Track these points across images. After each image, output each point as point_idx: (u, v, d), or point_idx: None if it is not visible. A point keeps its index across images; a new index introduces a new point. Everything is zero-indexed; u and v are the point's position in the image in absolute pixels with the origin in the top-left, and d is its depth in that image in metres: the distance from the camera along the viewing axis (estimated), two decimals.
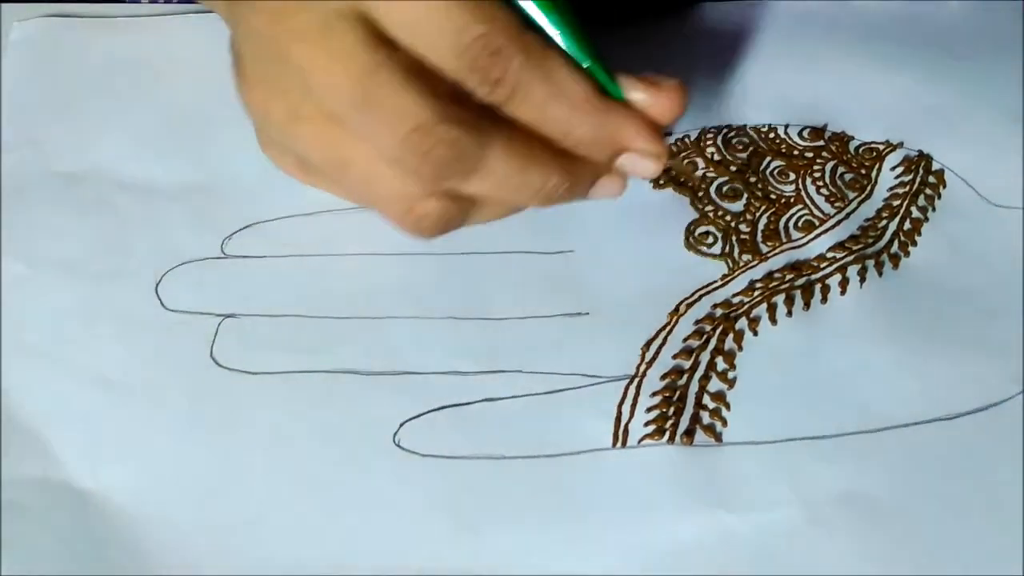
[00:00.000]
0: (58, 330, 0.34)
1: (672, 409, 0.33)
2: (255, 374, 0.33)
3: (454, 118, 0.30)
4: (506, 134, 0.31)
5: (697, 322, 0.35)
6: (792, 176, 0.39)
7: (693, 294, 0.36)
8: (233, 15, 0.32)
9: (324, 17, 0.30)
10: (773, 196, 0.39)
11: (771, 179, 0.39)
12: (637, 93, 0.33)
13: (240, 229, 0.37)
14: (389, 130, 0.30)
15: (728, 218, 0.38)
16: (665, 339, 0.35)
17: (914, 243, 0.37)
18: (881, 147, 0.40)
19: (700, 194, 0.39)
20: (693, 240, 0.37)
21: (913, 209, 0.38)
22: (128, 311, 0.35)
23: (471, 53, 0.30)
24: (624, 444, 0.32)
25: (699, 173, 0.39)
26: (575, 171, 0.33)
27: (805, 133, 0.41)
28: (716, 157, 0.40)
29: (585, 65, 0.32)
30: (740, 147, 0.40)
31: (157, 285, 0.35)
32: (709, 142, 0.40)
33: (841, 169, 0.40)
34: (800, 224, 0.38)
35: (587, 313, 0.35)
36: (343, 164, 0.32)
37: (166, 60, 0.42)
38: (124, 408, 0.33)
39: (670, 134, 0.41)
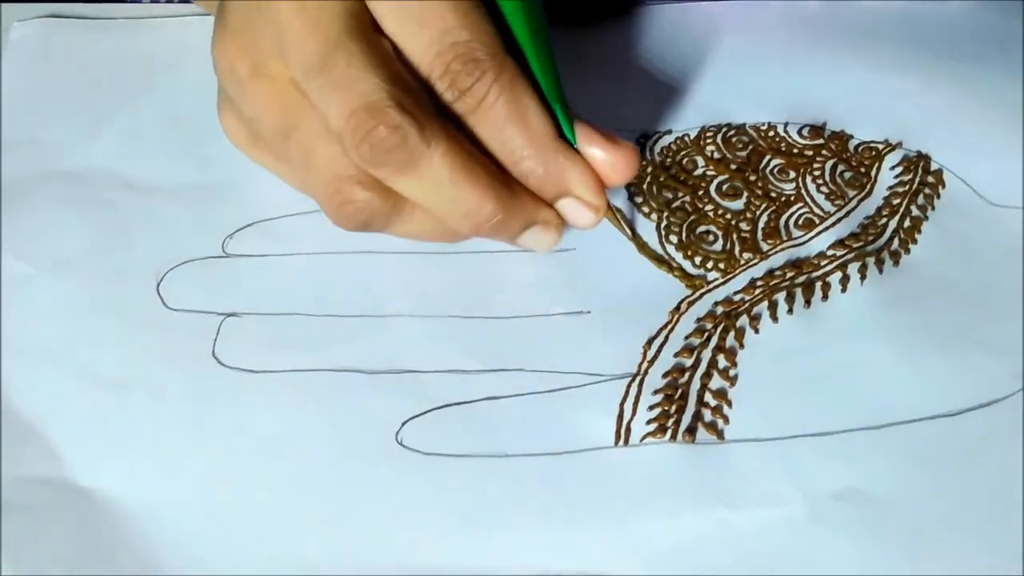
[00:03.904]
0: (59, 329, 0.34)
1: (674, 407, 0.33)
2: (257, 373, 0.33)
3: (405, 108, 0.31)
4: (453, 144, 0.31)
5: (698, 320, 0.35)
6: (792, 174, 0.39)
7: (694, 292, 0.36)
8: None
9: None
10: (773, 194, 0.39)
11: (771, 177, 0.39)
12: (594, 148, 0.33)
13: (241, 228, 0.37)
14: (339, 101, 0.31)
15: (728, 216, 0.38)
16: (667, 337, 0.35)
17: (914, 241, 0.37)
18: (880, 146, 0.40)
19: (700, 192, 0.39)
20: (692, 239, 0.37)
21: (913, 208, 0.38)
22: (130, 310, 0.35)
23: (448, 56, 0.31)
24: (626, 442, 0.32)
25: (699, 171, 0.39)
26: (511, 208, 0.33)
27: (804, 131, 0.41)
28: (716, 155, 0.40)
29: (552, 105, 0.33)
30: (740, 145, 0.40)
31: (159, 284, 0.35)
32: (709, 140, 0.40)
33: (841, 167, 0.40)
34: (800, 222, 0.38)
35: (588, 312, 0.35)
36: (289, 129, 0.33)
37: (166, 60, 0.42)
38: (126, 407, 0.33)
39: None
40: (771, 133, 0.41)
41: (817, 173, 0.39)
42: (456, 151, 0.31)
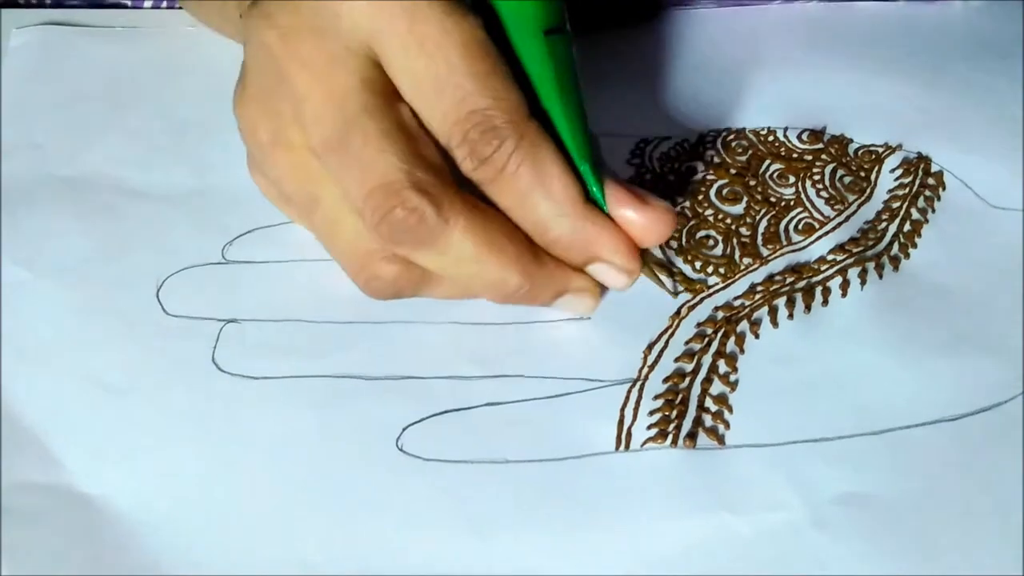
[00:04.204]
0: (59, 335, 0.34)
1: (674, 412, 0.33)
2: (257, 379, 0.33)
3: (423, 186, 0.30)
4: (475, 218, 0.31)
5: (698, 325, 0.35)
6: (792, 179, 0.39)
7: (694, 297, 0.36)
8: (248, 28, 0.32)
9: (334, 51, 0.30)
10: (773, 199, 0.39)
11: (771, 182, 0.39)
12: (625, 210, 0.32)
13: (241, 234, 0.37)
14: (357, 179, 0.30)
15: (728, 221, 0.38)
16: (667, 342, 0.35)
17: (914, 245, 0.37)
18: (880, 149, 0.40)
19: (700, 197, 0.39)
20: (692, 244, 0.37)
21: (913, 211, 0.38)
22: (129, 316, 0.35)
23: (466, 125, 0.30)
24: (627, 447, 0.32)
25: (699, 176, 0.40)
26: (538, 279, 0.32)
27: (804, 136, 0.41)
28: (716, 160, 0.40)
29: (580, 167, 0.32)
30: (739, 150, 0.40)
31: (158, 290, 0.35)
32: (708, 145, 0.40)
33: (840, 172, 0.40)
34: (800, 227, 0.38)
35: (588, 317, 0.35)
36: (313, 200, 0.32)
37: (166, 67, 0.42)
38: (125, 413, 0.33)
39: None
40: (771, 138, 0.41)
41: (817, 178, 0.39)
42: (478, 226, 0.31)
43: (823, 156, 0.40)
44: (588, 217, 0.32)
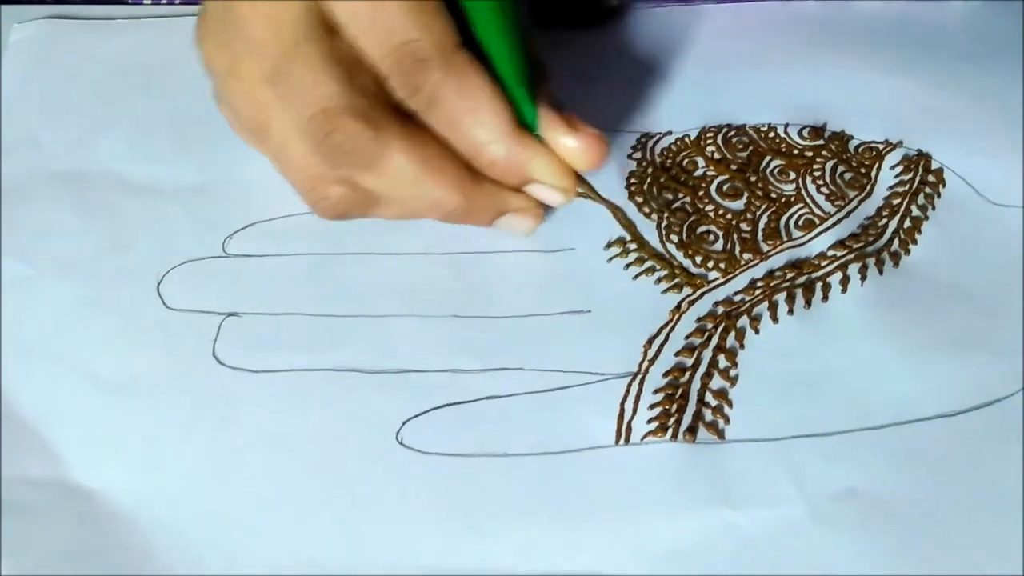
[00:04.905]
0: (59, 329, 0.34)
1: (675, 406, 0.33)
2: (257, 372, 0.33)
3: (361, 111, 0.32)
4: (412, 141, 0.33)
5: (699, 319, 0.35)
6: (792, 175, 0.40)
7: (694, 291, 0.36)
8: None
9: None
10: (773, 195, 0.39)
11: (771, 178, 0.39)
12: (556, 135, 0.34)
13: (242, 228, 0.37)
14: (300, 105, 0.32)
15: (729, 216, 0.38)
16: (667, 336, 0.35)
17: (914, 241, 0.37)
18: (880, 146, 0.40)
19: (700, 193, 0.39)
20: (693, 239, 0.37)
21: (913, 208, 0.38)
22: (130, 310, 0.35)
23: (397, 55, 0.32)
24: (627, 441, 0.32)
25: (700, 172, 0.40)
26: (477, 198, 0.34)
27: (805, 132, 0.41)
28: (716, 156, 0.40)
29: (514, 91, 0.33)
30: (740, 146, 0.40)
31: (159, 284, 0.35)
32: (709, 141, 0.40)
33: (841, 168, 0.40)
34: (801, 223, 0.38)
35: (589, 311, 0.35)
36: (264, 126, 0.34)
37: (167, 61, 0.42)
38: (126, 407, 0.33)
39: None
40: (771, 134, 0.41)
41: (817, 174, 0.39)
42: (415, 148, 0.33)
43: (823, 152, 0.40)
44: (520, 141, 0.33)
